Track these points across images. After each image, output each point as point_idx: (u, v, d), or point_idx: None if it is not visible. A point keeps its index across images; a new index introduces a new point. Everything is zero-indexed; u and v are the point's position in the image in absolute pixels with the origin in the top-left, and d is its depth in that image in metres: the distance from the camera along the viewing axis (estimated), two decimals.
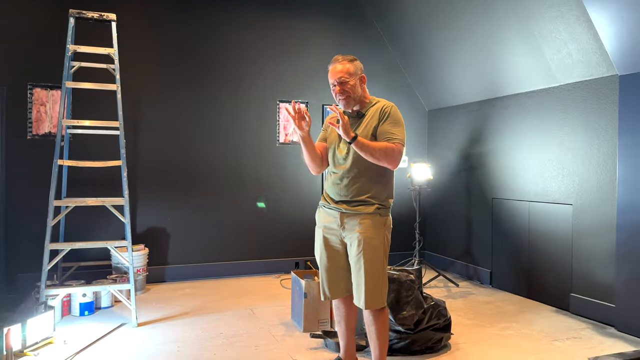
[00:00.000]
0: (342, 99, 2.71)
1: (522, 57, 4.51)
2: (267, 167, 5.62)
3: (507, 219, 4.96)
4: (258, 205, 5.49)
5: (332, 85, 2.74)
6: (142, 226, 5.15)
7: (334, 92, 2.73)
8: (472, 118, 5.46)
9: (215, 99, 5.43)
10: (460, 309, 4.34)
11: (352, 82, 2.70)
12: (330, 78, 2.74)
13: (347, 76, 2.69)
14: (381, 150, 2.57)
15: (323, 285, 2.80)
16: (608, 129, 3.90)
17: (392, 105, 2.71)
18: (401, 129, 2.67)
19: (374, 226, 2.63)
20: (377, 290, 2.61)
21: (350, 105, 2.72)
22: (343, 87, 2.68)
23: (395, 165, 2.63)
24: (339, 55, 2.78)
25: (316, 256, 2.86)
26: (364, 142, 2.55)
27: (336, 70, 2.71)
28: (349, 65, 2.71)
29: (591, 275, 4.05)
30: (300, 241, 5.72)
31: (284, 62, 5.67)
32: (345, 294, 2.79)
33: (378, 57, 6.03)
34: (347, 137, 2.51)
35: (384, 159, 2.58)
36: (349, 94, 2.69)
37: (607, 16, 3.52)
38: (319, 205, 2.88)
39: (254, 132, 5.58)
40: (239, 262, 5.49)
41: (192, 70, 5.35)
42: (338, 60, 2.73)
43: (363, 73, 2.78)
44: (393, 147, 2.59)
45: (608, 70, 3.87)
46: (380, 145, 2.58)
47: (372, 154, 2.56)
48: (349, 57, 2.75)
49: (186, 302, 4.48)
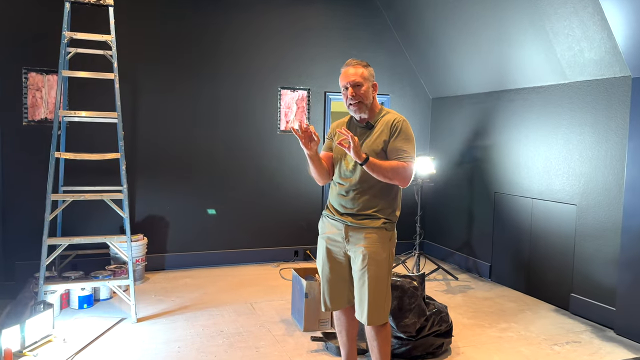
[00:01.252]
0: (355, 105, 2.61)
1: (532, 52, 4.39)
2: (268, 155, 5.54)
3: (508, 215, 4.92)
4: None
5: (343, 88, 2.64)
6: (141, 214, 5.09)
7: (345, 96, 2.63)
8: (477, 109, 5.37)
9: (215, 86, 5.30)
10: (460, 306, 4.34)
11: (365, 87, 2.60)
12: (343, 81, 2.63)
13: (361, 80, 2.59)
14: (393, 170, 2.50)
15: (325, 296, 2.77)
16: (618, 132, 3.83)
17: (404, 120, 2.62)
18: (412, 145, 2.59)
19: (380, 241, 2.58)
20: (380, 306, 2.58)
21: (362, 111, 2.62)
22: (356, 91, 2.58)
23: (407, 184, 2.56)
24: (352, 58, 2.68)
25: (318, 267, 2.82)
26: (376, 162, 2.48)
27: (349, 73, 2.61)
28: (362, 70, 2.62)
29: (593, 277, 4.04)
30: (300, 230, 5.69)
31: (286, 48, 5.52)
32: (347, 304, 2.76)
33: (382, 43, 5.88)
34: (359, 159, 2.43)
35: (395, 178, 2.52)
36: (362, 99, 2.60)
37: (623, 16, 3.40)
38: (323, 215, 2.82)
39: (254, 120, 5.47)
40: (238, 251, 5.47)
41: (192, 57, 5.20)
42: (352, 64, 2.63)
43: (375, 80, 2.68)
44: (404, 166, 2.52)
45: (621, 71, 3.76)
46: (391, 164, 2.51)
47: (383, 174, 2.49)
48: (363, 62, 2.65)
49: (185, 293, 4.46)
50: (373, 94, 2.66)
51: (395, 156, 2.55)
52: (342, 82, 2.64)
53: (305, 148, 2.54)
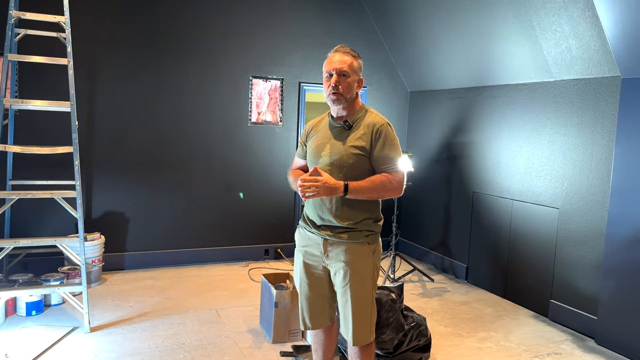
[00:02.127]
0: (334, 95, 2.32)
1: (516, 47, 4.19)
2: (238, 148, 5.22)
3: (487, 215, 4.76)
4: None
5: (326, 74, 2.36)
6: (98, 211, 4.73)
7: (327, 84, 2.34)
8: (457, 105, 5.16)
9: (182, 74, 4.94)
10: (437, 312, 4.16)
11: (351, 79, 2.33)
12: (327, 66, 2.36)
13: (348, 70, 2.32)
14: (381, 188, 2.27)
15: (303, 314, 2.51)
16: (604, 134, 3.67)
17: (387, 124, 2.35)
18: (398, 151, 2.34)
19: (362, 256, 2.33)
20: (365, 326, 2.34)
21: (340, 103, 2.35)
22: (340, 81, 2.31)
23: (400, 194, 2.33)
24: (342, 45, 2.40)
25: (295, 282, 2.56)
26: (358, 187, 2.23)
27: (336, 59, 2.34)
28: (352, 60, 2.35)
29: (574, 284, 3.90)
30: (271, 227, 5.42)
31: (258, 35, 5.19)
32: (329, 323, 2.52)
33: (360, 32, 5.60)
34: (337, 192, 2.21)
35: (386, 194, 2.29)
36: (343, 92, 2.32)
37: (616, 14, 3.21)
38: (299, 226, 2.55)
39: (223, 111, 5.14)
40: (204, 249, 5.16)
41: (158, 43, 4.82)
42: (340, 51, 2.36)
43: (362, 75, 2.41)
44: (392, 179, 2.28)
45: (610, 70, 3.60)
46: (376, 182, 2.26)
47: (370, 195, 2.26)
48: (353, 51, 2.39)
49: (145, 298, 4.15)
50: (357, 90, 2.39)
51: (382, 166, 2.31)
52: (327, 68, 2.36)
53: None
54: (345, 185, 2.22)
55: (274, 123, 5.34)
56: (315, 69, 5.42)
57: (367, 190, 2.26)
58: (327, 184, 2.19)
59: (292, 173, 2.55)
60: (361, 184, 2.25)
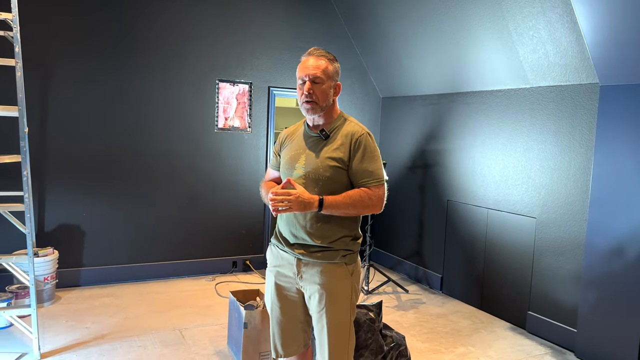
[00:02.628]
0: (308, 104, 2.13)
1: (492, 53, 4.09)
2: (204, 155, 4.96)
3: (462, 224, 4.64)
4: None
5: (300, 81, 2.16)
6: (51, 224, 4.39)
7: (300, 91, 2.15)
8: (430, 111, 5.05)
9: (143, 77, 4.65)
10: (414, 326, 4.00)
11: (325, 85, 2.13)
12: (300, 72, 2.15)
13: (322, 75, 2.12)
14: (359, 204, 2.07)
15: (275, 340, 2.29)
16: (582, 142, 3.59)
17: (365, 133, 2.16)
18: (379, 163, 2.15)
19: (339, 277, 2.14)
20: (343, 353, 2.14)
21: (315, 112, 2.15)
22: (314, 88, 2.11)
23: (379, 211, 2.15)
24: (316, 47, 2.20)
25: (266, 304, 2.34)
26: (334, 202, 2.04)
27: (309, 64, 2.14)
28: (326, 64, 2.15)
29: (552, 295, 3.81)
30: (239, 238, 5.17)
31: (225, 37, 4.95)
32: (303, 349, 2.31)
33: (331, 36, 5.43)
34: (311, 207, 2.01)
35: (364, 210, 2.10)
36: (317, 100, 2.13)
37: (595, 20, 3.13)
38: (271, 243, 2.33)
39: (189, 116, 4.87)
40: (167, 263, 4.87)
41: (119, 43, 4.53)
42: (314, 54, 2.16)
43: (339, 80, 2.22)
44: (371, 195, 2.09)
45: (587, 77, 3.52)
46: (354, 197, 2.07)
47: (347, 211, 2.07)
48: (329, 54, 2.19)
49: (103, 317, 3.85)
50: (334, 97, 2.20)
51: (360, 180, 2.11)
52: (299, 74, 2.16)
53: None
54: (320, 200, 2.03)
55: (242, 129, 5.11)
56: (286, 72, 5.22)
57: (343, 206, 2.07)
58: (301, 198, 1.99)
59: (264, 185, 2.34)
60: (337, 199, 2.06)
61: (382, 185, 2.15)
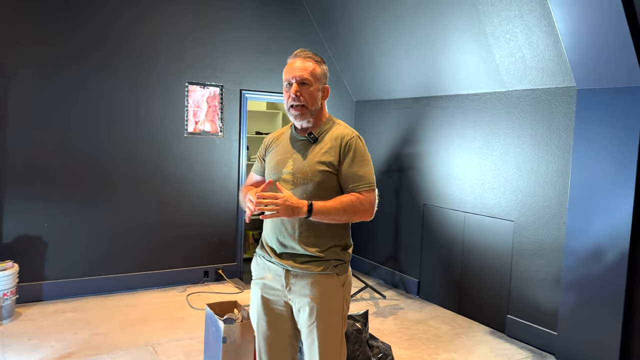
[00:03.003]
0: (296, 108, 2.03)
1: (468, 56, 4.08)
2: (173, 161, 4.77)
3: (439, 228, 4.62)
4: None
5: (286, 83, 2.06)
6: (9, 235, 4.11)
7: (287, 94, 2.05)
8: (405, 115, 5.01)
9: (108, 79, 4.43)
10: (394, 333, 3.93)
11: (313, 88, 2.03)
12: (287, 74, 2.05)
13: (310, 77, 2.02)
14: (349, 210, 1.97)
15: (261, 356, 2.16)
16: (560, 145, 3.61)
17: (357, 137, 2.08)
18: (370, 168, 2.06)
19: (330, 289, 2.03)
20: None
21: (304, 117, 2.05)
22: (302, 90, 2.01)
23: (370, 217, 2.04)
24: (302, 49, 2.09)
25: (252, 319, 2.21)
26: (324, 207, 1.92)
27: (296, 66, 2.03)
28: (314, 65, 2.05)
29: (531, 298, 3.81)
30: (211, 247, 5.00)
31: (195, 38, 4.78)
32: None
33: (305, 39, 5.33)
34: (300, 213, 1.89)
35: (355, 216, 1.99)
36: (306, 103, 2.03)
37: (573, 23, 3.15)
38: (256, 254, 2.21)
39: (157, 120, 4.68)
40: (135, 274, 4.65)
41: (81, 43, 4.29)
42: (301, 56, 2.06)
43: (327, 83, 2.12)
44: (362, 200, 1.99)
45: (564, 81, 3.54)
46: (345, 202, 1.96)
47: (337, 217, 1.96)
48: (316, 55, 2.08)
49: (68, 334, 3.62)
50: (322, 100, 2.10)
51: (351, 185, 2.02)
52: (286, 76, 2.05)
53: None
54: (310, 205, 1.91)
55: (213, 133, 4.94)
56: (258, 75, 5.09)
57: (334, 212, 1.96)
58: (289, 202, 1.87)
59: (244, 189, 2.20)
60: (327, 205, 1.95)
61: (373, 190, 2.06)
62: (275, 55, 5.14)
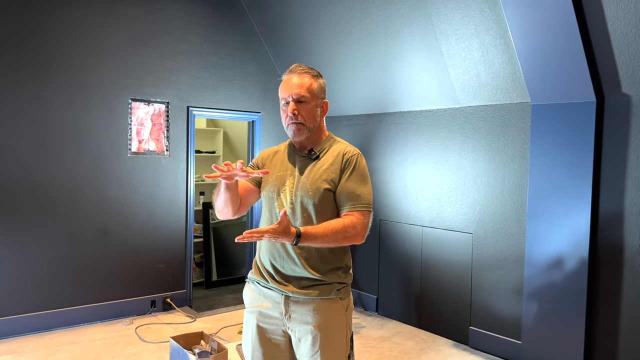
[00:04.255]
0: (293, 125, 1.92)
1: (422, 74, 4.16)
2: (115, 182, 4.43)
3: (396, 243, 4.63)
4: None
5: (283, 101, 1.95)
6: None
7: (285, 113, 1.94)
8: (357, 132, 5.01)
9: (42, 96, 4.05)
10: (362, 353, 3.86)
11: (311, 105, 1.94)
12: (283, 92, 1.95)
13: (307, 94, 1.92)
14: (340, 235, 1.83)
15: None
16: (515, 159, 3.74)
17: (358, 154, 1.98)
18: (368, 188, 1.96)
19: (334, 315, 1.92)
20: None
21: (302, 135, 1.95)
22: (299, 108, 1.91)
23: (361, 241, 1.92)
24: (298, 64, 1.99)
25: (245, 351, 2.04)
26: (313, 233, 1.78)
27: (292, 83, 1.93)
28: (310, 81, 1.95)
29: (493, 309, 3.89)
30: (157, 274, 4.68)
31: (138, 52, 4.50)
32: None
33: (252, 53, 5.21)
34: (288, 239, 1.73)
35: (344, 241, 1.87)
36: (304, 121, 1.92)
37: (530, 42, 3.29)
38: (249, 280, 2.05)
39: (97, 139, 4.33)
40: (75, 308, 4.23)
41: (11, 58, 3.89)
42: (296, 71, 1.96)
43: (326, 97, 2.02)
44: (355, 224, 1.86)
45: (518, 97, 3.69)
46: (336, 228, 1.83)
47: (326, 243, 1.83)
48: (312, 70, 1.98)
49: None
50: (321, 116, 2.00)
51: (346, 204, 1.91)
52: (282, 95, 1.95)
53: (227, 180, 1.78)
54: (297, 230, 1.76)
55: (158, 152, 4.65)
56: (206, 92, 4.88)
57: (321, 238, 1.81)
58: (278, 229, 1.70)
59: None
60: (317, 231, 1.80)
61: (369, 212, 1.96)
62: (223, 71, 4.97)
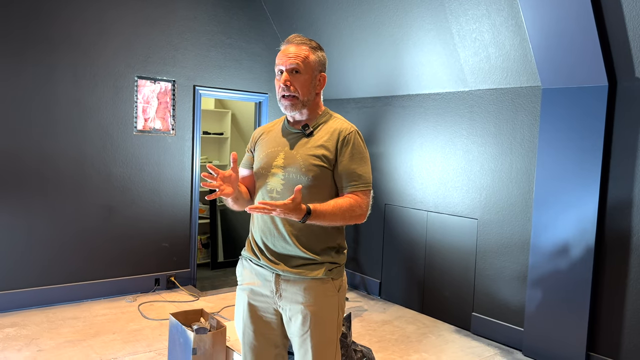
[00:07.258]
0: (287, 99, 1.88)
1: (432, 55, 4.08)
2: (120, 160, 4.43)
3: (401, 228, 4.59)
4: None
5: (277, 71, 1.91)
6: None
7: (278, 83, 1.89)
8: (365, 115, 4.95)
9: (49, 74, 4.04)
10: (362, 335, 3.85)
11: (306, 77, 1.88)
12: (278, 62, 1.89)
13: (302, 65, 1.86)
14: (347, 214, 1.81)
15: None
16: (524, 144, 3.67)
17: (355, 131, 1.93)
18: (368, 167, 1.92)
19: (325, 295, 1.89)
20: None
21: (295, 109, 1.90)
22: (293, 79, 1.86)
23: (363, 220, 1.91)
24: (298, 34, 1.94)
25: (237, 328, 2.03)
26: (322, 210, 1.75)
27: (288, 52, 1.88)
28: (308, 52, 1.89)
29: (496, 295, 3.85)
30: (162, 253, 4.69)
31: (145, 30, 4.47)
32: None
33: (260, 33, 5.15)
34: (298, 217, 1.69)
35: (350, 220, 1.85)
36: (297, 94, 1.87)
37: (542, 24, 3.19)
38: (242, 257, 2.03)
39: (103, 117, 4.33)
40: (80, 284, 4.27)
41: (17, 35, 3.89)
42: (294, 42, 1.90)
43: (324, 71, 1.97)
44: (360, 204, 1.85)
45: (528, 80, 3.60)
46: (344, 206, 1.81)
47: (333, 222, 1.81)
48: (311, 41, 1.93)
49: (10, 353, 3.24)
50: (317, 90, 1.95)
51: (348, 184, 1.87)
52: (278, 63, 1.90)
53: (228, 195, 1.82)
54: (308, 208, 1.74)
55: (164, 131, 4.65)
56: (212, 71, 4.85)
57: (330, 216, 1.78)
58: (288, 204, 1.64)
59: None
60: (327, 209, 1.77)
61: (370, 191, 1.93)
62: (230, 50, 4.92)
